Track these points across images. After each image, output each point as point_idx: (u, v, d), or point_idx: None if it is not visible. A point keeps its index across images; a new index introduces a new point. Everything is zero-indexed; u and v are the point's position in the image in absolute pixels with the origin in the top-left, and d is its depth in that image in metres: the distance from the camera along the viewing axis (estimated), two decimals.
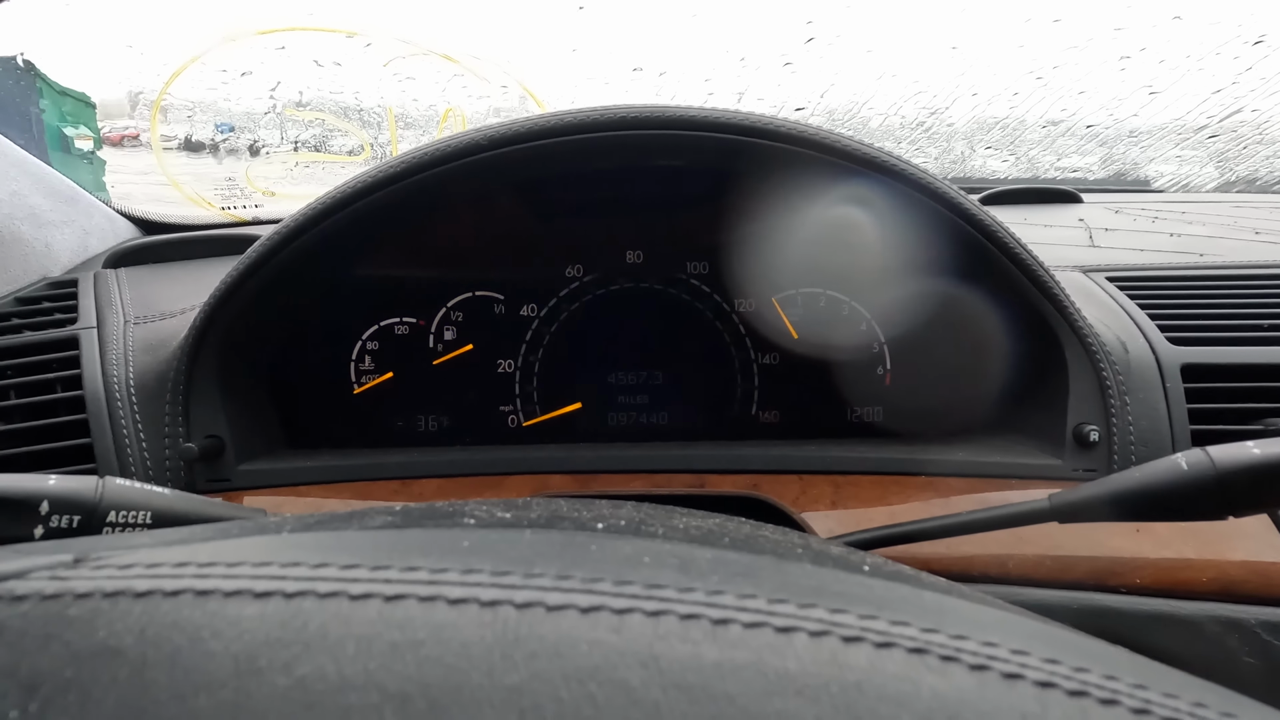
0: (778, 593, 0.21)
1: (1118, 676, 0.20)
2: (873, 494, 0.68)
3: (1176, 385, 0.67)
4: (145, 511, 0.37)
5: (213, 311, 0.64)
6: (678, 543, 0.27)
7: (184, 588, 0.20)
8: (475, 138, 0.54)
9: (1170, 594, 0.58)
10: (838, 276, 0.81)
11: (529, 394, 0.81)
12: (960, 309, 0.75)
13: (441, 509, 0.32)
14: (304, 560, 0.21)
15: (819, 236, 0.78)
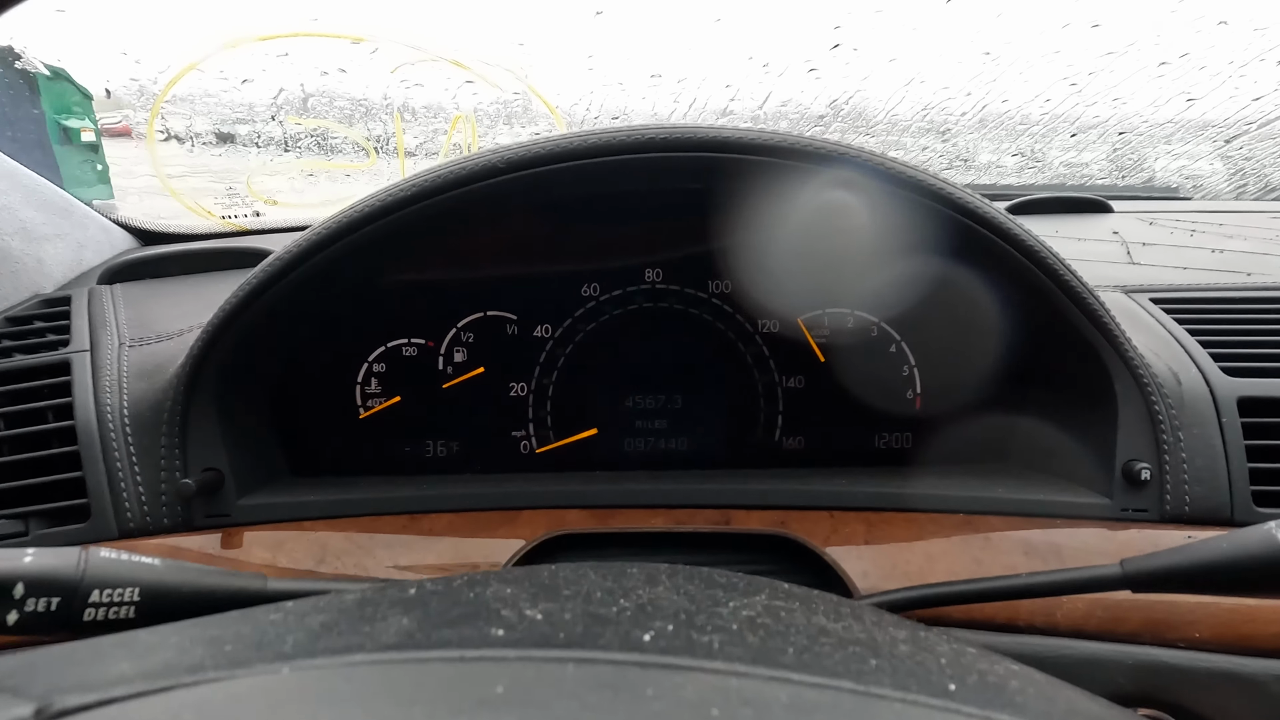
0: None
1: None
2: (907, 532, 0.64)
3: (1233, 420, 0.63)
4: (132, 589, 0.33)
5: (211, 339, 0.61)
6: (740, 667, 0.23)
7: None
8: (492, 161, 0.50)
9: (1233, 650, 0.55)
10: (866, 296, 0.77)
11: (542, 419, 0.78)
12: (998, 332, 0.71)
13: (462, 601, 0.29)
14: None
15: (847, 255, 0.74)
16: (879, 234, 0.69)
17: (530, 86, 0.91)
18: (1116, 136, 1.15)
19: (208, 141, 0.97)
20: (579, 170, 0.51)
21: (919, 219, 0.61)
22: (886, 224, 0.66)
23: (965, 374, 0.77)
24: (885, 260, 0.72)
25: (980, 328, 0.73)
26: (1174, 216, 1.12)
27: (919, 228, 0.62)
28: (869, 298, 0.78)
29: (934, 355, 0.78)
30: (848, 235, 0.73)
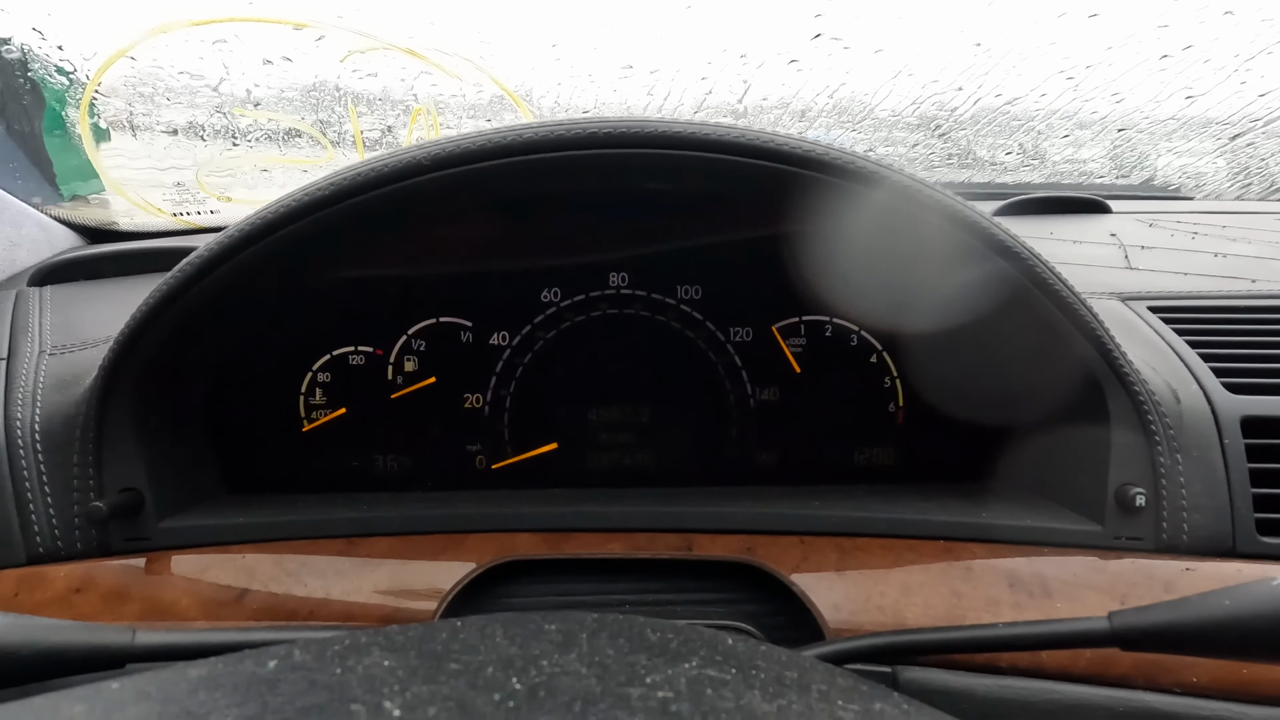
0: None
1: None
2: (883, 559, 0.59)
3: (1236, 442, 0.58)
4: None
5: (125, 346, 0.56)
6: None
7: None
8: (417, 157, 0.45)
9: (1231, 696, 0.50)
10: (845, 303, 0.73)
11: (499, 432, 0.73)
12: (984, 344, 0.66)
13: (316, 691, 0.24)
14: None
15: (824, 259, 0.69)
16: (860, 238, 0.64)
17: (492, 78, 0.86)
18: (1116, 133, 1.10)
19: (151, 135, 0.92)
20: (519, 168, 0.46)
21: (903, 224, 0.56)
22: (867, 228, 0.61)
23: (950, 388, 0.72)
24: (866, 266, 0.66)
25: (967, 339, 0.68)
26: (1175, 218, 1.07)
27: (903, 233, 0.57)
28: (848, 305, 0.73)
29: (917, 367, 0.73)
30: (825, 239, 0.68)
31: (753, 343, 0.74)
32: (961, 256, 0.56)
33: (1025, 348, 0.63)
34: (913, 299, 0.68)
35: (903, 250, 0.59)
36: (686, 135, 0.45)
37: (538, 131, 0.45)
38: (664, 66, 0.83)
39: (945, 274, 0.60)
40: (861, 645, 0.47)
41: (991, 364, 0.67)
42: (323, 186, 0.47)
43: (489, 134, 0.45)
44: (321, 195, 0.46)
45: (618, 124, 0.45)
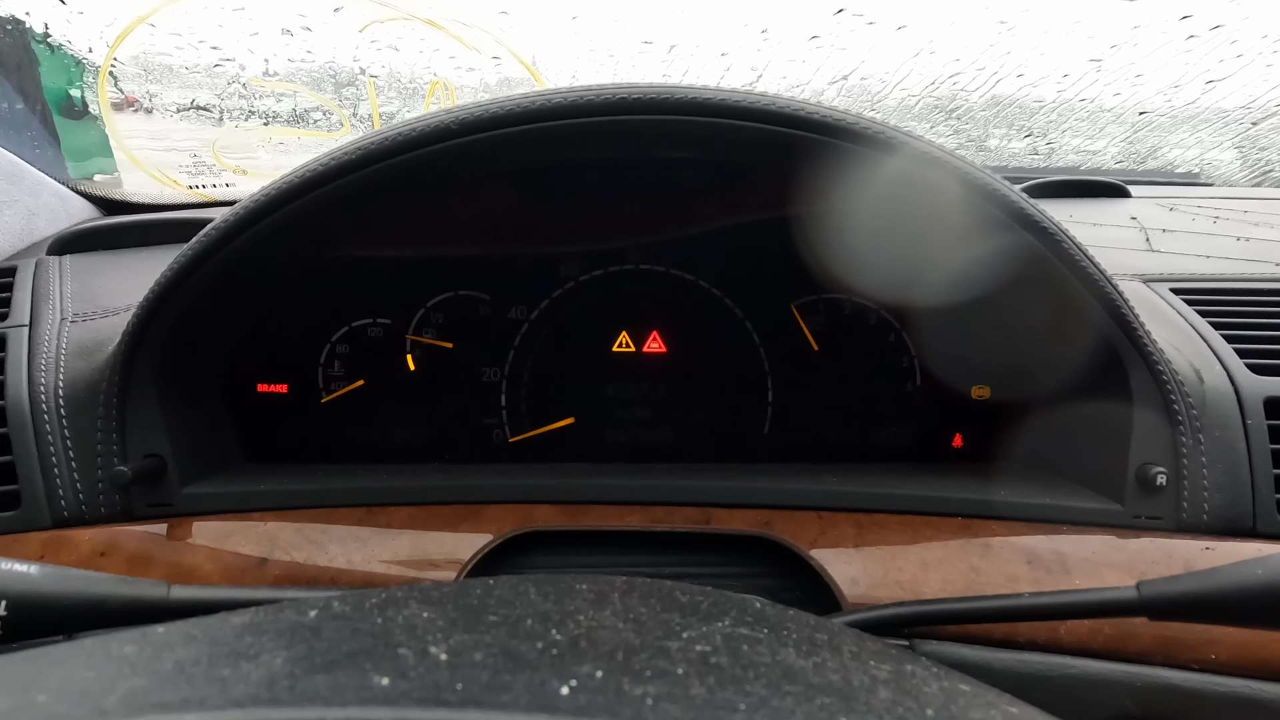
0: None
1: None
2: (901, 536, 0.59)
3: (1259, 422, 0.58)
4: None
5: (150, 312, 0.56)
6: None
7: None
8: (445, 121, 0.45)
9: (1251, 674, 0.50)
10: (863, 280, 0.72)
11: (516, 406, 0.73)
12: (1004, 320, 0.66)
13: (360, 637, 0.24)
14: None
15: (843, 235, 0.69)
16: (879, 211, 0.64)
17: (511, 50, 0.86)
18: (1137, 116, 1.08)
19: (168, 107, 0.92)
20: (545, 134, 0.46)
21: (923, 194, 0.55)
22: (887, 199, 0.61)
23: (968, 366, 0.72)
24: (885, 241, 0.66)
25: (987, 318, 0.67)
26: (1195, 203, 1.06)
27: (922, 204, 0.56)
28: (867, 283, 0.72)
29: (936, 346, 0.73)
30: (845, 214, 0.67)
31: (771, 321, 0.73)
32: (982, 227, 0.56)
33: (1046, 324, 0.62)
34: (932, 274, 0.68)
35: (922, 223, 0.59)
36: (716, 102, 0.45)
37: (566, 96, 0.45)
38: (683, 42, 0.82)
39: (965, 247, 0.59)
40: (880, 615, 0.47)
41: (1011, 341, 0.67)
42: (349, 150, 0.46)
43: (517, 99, 0.45)
44: (349, 159, 0.46)
45: (647, 89, 0.44)
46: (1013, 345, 0.68)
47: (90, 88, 1.12)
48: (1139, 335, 0.57)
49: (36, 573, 0.31)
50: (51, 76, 1.11)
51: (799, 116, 0.46)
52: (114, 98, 1.10)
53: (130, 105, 1.11)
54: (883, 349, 0.74)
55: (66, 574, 0.32)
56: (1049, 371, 0.66)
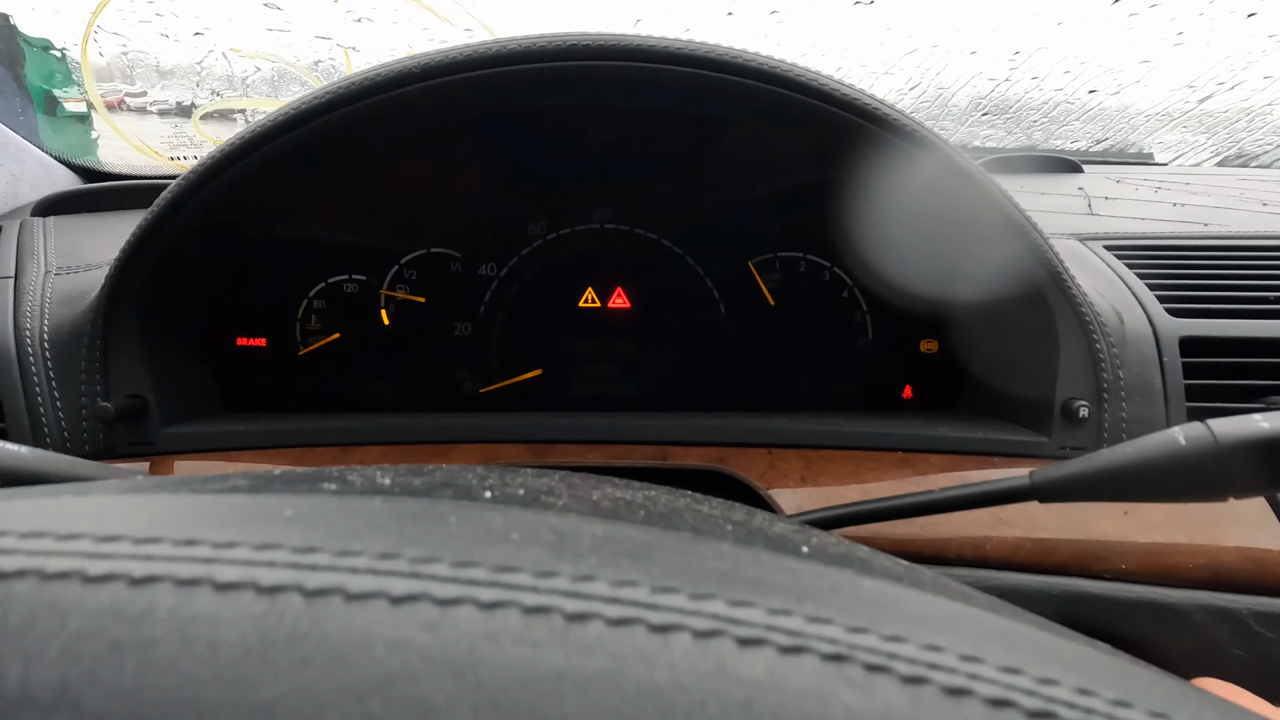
0: (670, 579, 0.17)
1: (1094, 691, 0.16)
2: (845, 470, 0.63)
3: (1174, 359, 0.62)
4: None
5: (128, 260, 0.59)
6: (574, 516, 0.22)
7: None
8: (408, 66, 0.48)
9: (1158, 581, 0.54)
10: (819, 239, 0.76)
11: (486, 359, 0.76)
12: (948, 277, 0.70)
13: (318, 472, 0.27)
14: (52, 531, 0.16)
15: (799, 195, 0.73)
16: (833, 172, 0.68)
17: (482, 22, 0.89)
18: (1086, 95, 1.13)
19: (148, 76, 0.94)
20: (499, 78, 0.49)
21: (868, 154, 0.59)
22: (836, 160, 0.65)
23: (916, 321, 0.76)
24: (839, 203, 0.70)
25: (933, 274, 0.72)
26: (1142, 176, 1.11)
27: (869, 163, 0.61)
28: (822, 242, 0.76)
29: (886, 301, 0.77)
30: (801, 171, 0.71)
31: (730, 277, 0.77)
32: (927, 186, 0.60)
33: (987, 279, 0.67)
34: (882, 234, 0.72)
35: (868, 178, 0.63)
36: (658, 48, 0.49)
37: (521, 42, 0.48)
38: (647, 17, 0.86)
39: (913, 208, 0.64)
40: (804, 519, 0.51)
41: (957, 296, 0.71)
42: (319, 94, 0.50)
43: (476, 44, 0.48)
44: (320, 103, 0.49)
45: (596, 36, 0.48)
46: (958, 300, 0.72)
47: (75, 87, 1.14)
48: (1065, 281, 0.61)
49: (27, 453, 0.34)
50: (37, 77, 1.13)
51: (728, 62, 0.50)
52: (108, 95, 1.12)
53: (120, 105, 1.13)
54: (836, 305, 0.78)
55: (54, 457, 0.35)
56: (990, 322, 0.70)
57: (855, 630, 0.16)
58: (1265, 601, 0.53)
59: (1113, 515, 0.56)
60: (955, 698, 0.15)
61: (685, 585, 0.16)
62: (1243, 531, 0.55)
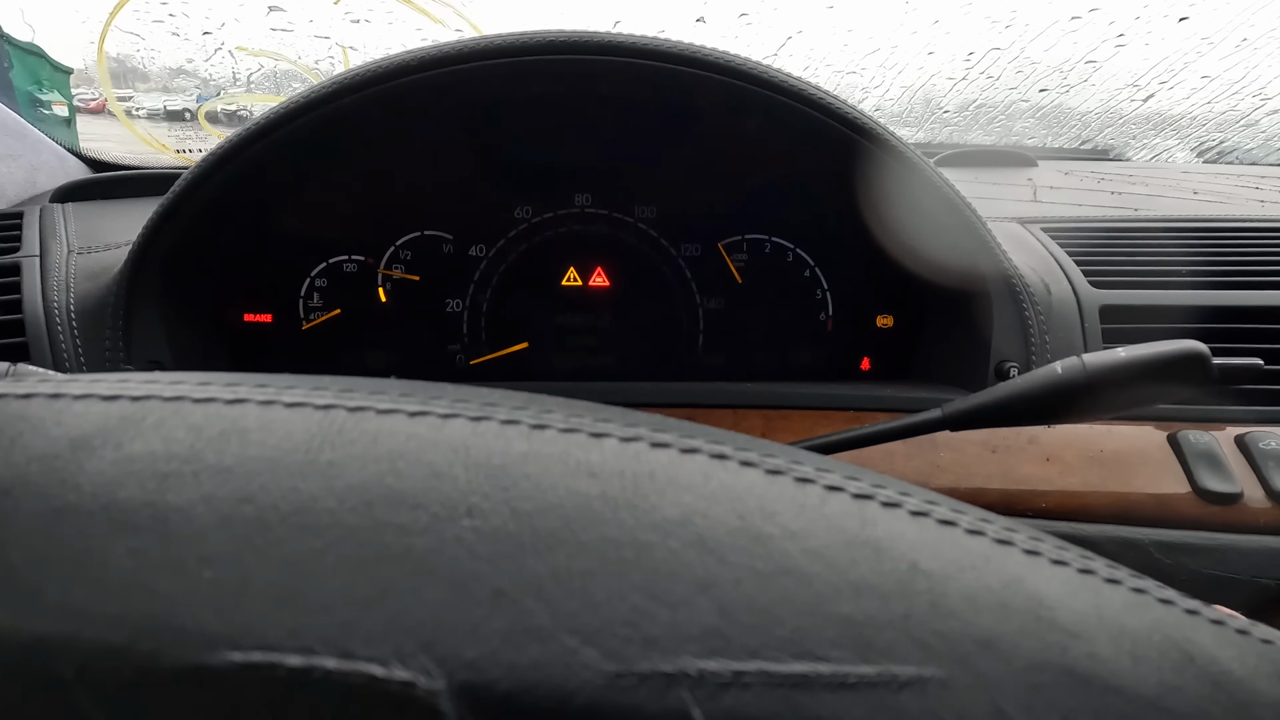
0: (608, 416, 0.23)
1: (910, 493, 0.22)
2: (802, 426, 0.70)
3: (1094, 325, 0.69)
4: None
5: (149, 237, 0.65)
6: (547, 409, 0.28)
7: (35, 392, 0.21)
8: (406, 60, 0.55)
9: (1074, 518, 0.61)
10: (783, 224, 0.83)
11: (477, 333, 0.83)
12: (899, 256, 0.77)
13: None
14: (161, 379, 0.22)
15: (765, 183, 0.80)
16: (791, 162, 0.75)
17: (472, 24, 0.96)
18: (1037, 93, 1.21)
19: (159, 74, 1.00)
20: (488, 70, 0.56)
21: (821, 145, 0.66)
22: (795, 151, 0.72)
23: (872, 297, 0.83)
24: (800, 189, 0.77)
25: (885, 254, 0.79)
26: (1090, 168, 1.19)
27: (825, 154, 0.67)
28: (786, 226, 0.83)
29: (845, 281, 0.84)
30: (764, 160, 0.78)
31: (701, 257, 0.84)
32: (879, 176, 0.67)
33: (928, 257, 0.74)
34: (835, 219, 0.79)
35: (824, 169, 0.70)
36: (632, 44, 0.55)
37: (505, 38, 0.55)
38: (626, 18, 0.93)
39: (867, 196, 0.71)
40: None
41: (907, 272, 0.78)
42: (326, 85, 0.56)
43: (467, 40, 0.55)
44: (326, 91, 0.56)
45: (574, 33, 0.55)
46: (909, 278, 0.79)
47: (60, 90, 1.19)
48: (997, 256, 0.68)
49: None
50: (23, 80, 1.19)
51: (692, 56, 0.57)
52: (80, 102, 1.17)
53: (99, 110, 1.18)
54: (799, 283, 0.85)
55: None
56: (937, 299, 0.77)
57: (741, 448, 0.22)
58: (1164, 533, 0.60)
59: (1036, 462, 0.63)
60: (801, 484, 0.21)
61: (620, 419, 0.23)
62: (1149, 473, 0.62)
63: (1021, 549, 0.21)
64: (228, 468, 0.18)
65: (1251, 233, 0.81)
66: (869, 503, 0.21)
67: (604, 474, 0.20)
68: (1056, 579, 0.21)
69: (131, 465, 0.18)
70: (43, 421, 0.20)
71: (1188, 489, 0.61)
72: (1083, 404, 0.41)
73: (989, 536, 0.21)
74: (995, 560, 0.21)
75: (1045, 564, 0.21)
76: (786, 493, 0.21)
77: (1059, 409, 0.42)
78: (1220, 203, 0.94)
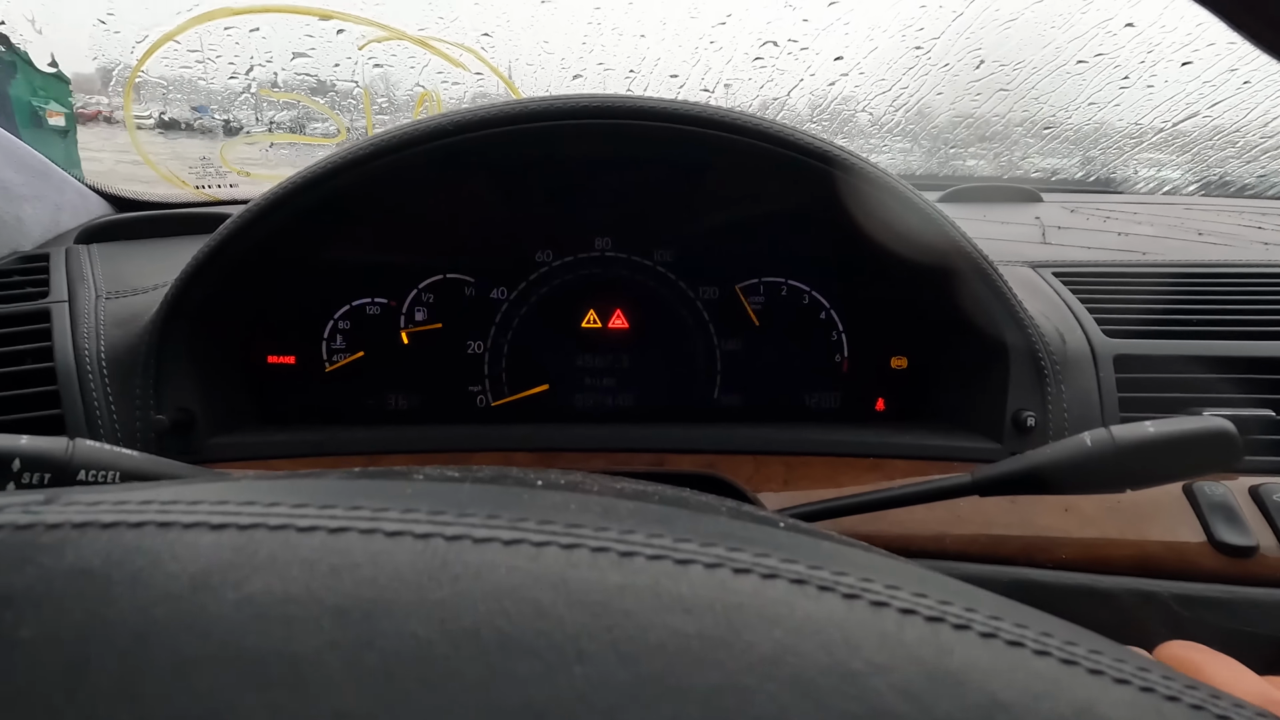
0: (685, 534, 0.24)
1: (976, 609, 0.23)
2: (823, 474, 0.71)
3: (1109, 375, 0.71)
4: (114, 472, 0.39)
5: (184, 286, 0.66)
6: (608, 497, 0.30)
7: (146, 520, 0.22)
8: (442, 122, 0.56)
9: (1092, 569, 0.62)
10: (799, 266, 0.84)
11: (498, 375, 0.84)
12: (913, 300, 0.78)
13: (394, 470, 0.35)
14: (258, 500, 0.23)
15: (779, 226, 0.81)
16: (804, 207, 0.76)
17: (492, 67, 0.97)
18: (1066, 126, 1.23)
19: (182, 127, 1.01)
20: (522, 134, 0.57)
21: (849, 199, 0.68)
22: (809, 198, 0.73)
23: (887, 339, 0.85)
24: (815, 233, 0.79)
25: (901, 298, 0.80)
26: (1095, 206, 1.21)
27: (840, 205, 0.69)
28: (802, 269, 0.85)
29: (860, 323, 0.85)
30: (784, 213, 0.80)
31: (718, 300, 0.85)
32: (888, 225, 0.68)
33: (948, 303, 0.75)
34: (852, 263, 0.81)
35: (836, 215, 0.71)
36: (654, 108, 0.57)
37: (542, 103, 0.56)
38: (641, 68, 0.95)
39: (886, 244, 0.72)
40: (784, 514, 0.58)
41: (922, 318, 0.79)
42: (363, 145, 0.57)
43: (502, 105, 0.56)
44: (364, 152, 0.57)
45: (605, 98, 0.56)
46: (923, 322, 0.80)
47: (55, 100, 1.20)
48: (1012, 305, 0.70)
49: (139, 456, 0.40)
50: (21, 88, 1.20)
51: (710, 119, 0.59)
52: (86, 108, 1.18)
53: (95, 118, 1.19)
54: (815, 325, 0.86)
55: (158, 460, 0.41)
56: (950, 341, 0.79)
57: (813, 568, 0.23)
58: (1182, 585, 0.61)
59: (1054, 512, 0.65)
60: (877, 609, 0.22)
61: (696, 537, 0.24)
62: (1165, 524, 0.63)
63: (1085, 668, 0.22)
64: (345, 610, 0.19)
65: (1258, 279, 0.82)
66: (942, 626, 0.22)
67: (697, 609, 0.21)
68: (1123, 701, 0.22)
69: (254, 608, 0.19)
70: (159, 556, 0.21)
71: (1204, 541, 0.62)
72: (1110, 477, 0.42)
73: (1055, 656, 0.22)
74: (1064, 683, 0.22)
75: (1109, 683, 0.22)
76: (866, 620, 0.22)
77: (1087, 481, 0.43)
78: (1225, 245, 0.96)
